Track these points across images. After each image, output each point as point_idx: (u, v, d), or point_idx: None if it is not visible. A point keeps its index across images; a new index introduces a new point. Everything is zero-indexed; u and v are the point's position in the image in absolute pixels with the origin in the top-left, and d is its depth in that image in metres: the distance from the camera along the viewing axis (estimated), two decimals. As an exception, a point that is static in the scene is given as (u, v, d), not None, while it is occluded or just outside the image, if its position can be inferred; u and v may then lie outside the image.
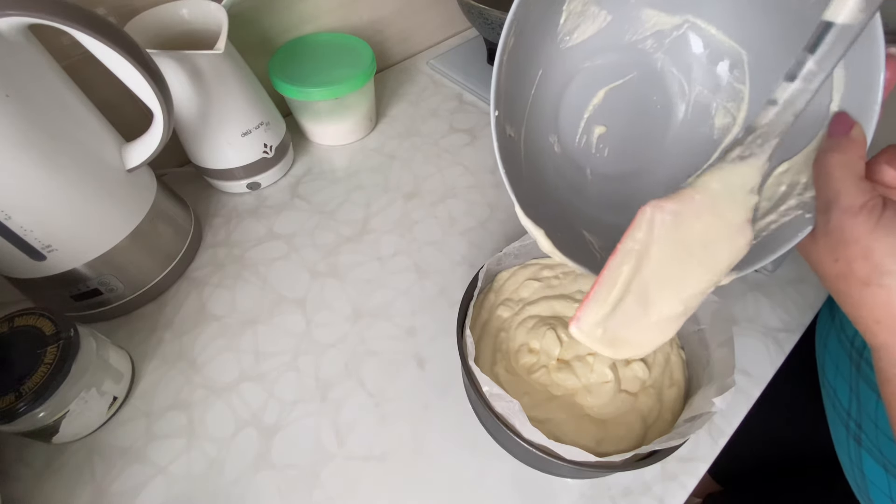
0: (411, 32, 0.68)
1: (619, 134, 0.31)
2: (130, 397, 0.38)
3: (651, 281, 0.23)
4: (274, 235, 0.48)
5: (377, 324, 0.42)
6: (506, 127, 0.26)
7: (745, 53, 0.28)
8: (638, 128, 0.31)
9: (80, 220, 0.36)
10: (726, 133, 0.29)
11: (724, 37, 0.28)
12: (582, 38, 0.29)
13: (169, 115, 0.35)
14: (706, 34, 0.28)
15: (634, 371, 0.33)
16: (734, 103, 0.28)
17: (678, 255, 0.22)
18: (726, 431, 0.37)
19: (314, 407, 0.38)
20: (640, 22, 0.29)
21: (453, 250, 0.47)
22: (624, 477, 0.35)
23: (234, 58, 0.44)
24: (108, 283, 0.39)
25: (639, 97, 0.30)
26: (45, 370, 0.31)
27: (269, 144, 0.49)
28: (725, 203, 0.22)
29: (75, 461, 0.35)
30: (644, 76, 0.30)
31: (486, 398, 0.30)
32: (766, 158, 0.21)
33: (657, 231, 0.22)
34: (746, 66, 0.28)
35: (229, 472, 0.35)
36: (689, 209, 0.22)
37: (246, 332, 0.42)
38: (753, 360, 0.40)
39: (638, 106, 0.31)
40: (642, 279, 0.23)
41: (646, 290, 0.23)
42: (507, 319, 0.36)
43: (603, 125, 0.31)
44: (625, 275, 0.23)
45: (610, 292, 0.24)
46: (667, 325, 0.23)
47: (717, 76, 0.29)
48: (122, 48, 0.30)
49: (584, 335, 0.24)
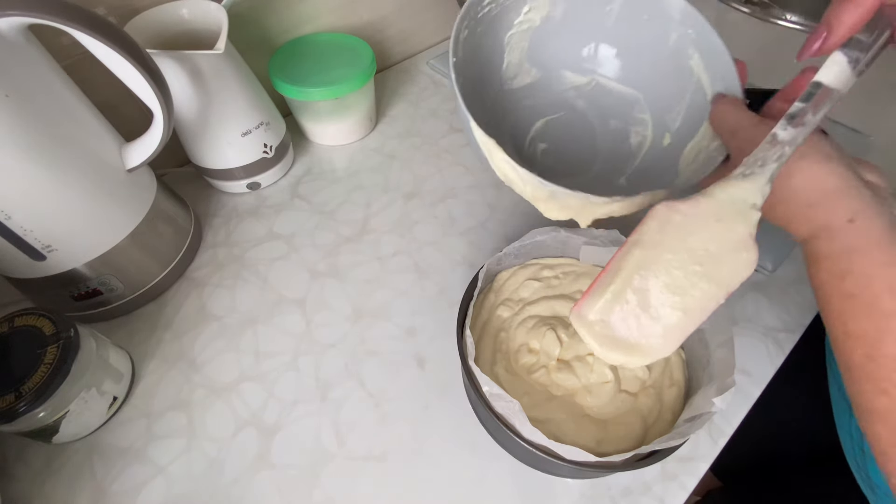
0: (411, 32, 0.68)
1: (558, 150, 0.39)
2: (130, 397, 0.38)
3: (656, 286, 0.24)
4: (274, 235, 0.48)
5: (377, 324, 0.42)
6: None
7: (640, 95, 0.39)
8: (572, 147, 0.39)
9: (80, 220, 0.36)
10: (641, 148, 0.38)
11: (623, 87, 0.39)
12: (521, 85, 0.40)
13: (169, 115, 0.35)
14: (610, 85, 0.40)
15: (634, 371, 0.33)
16: (642, 127, 0.39)
17: (684, 263, 0.23)
18: (726, 431, 0.37)
19: (314, 407, 0.38)
20: (562, 79, 0.40)
21: (453, 250, 0.47)
22: (624, 477, 0.35)
23: (234, 58, 0.44)
24: (108, 283, 0.39)
25: (570, 127, 0.40)
26: (45, 370, 0.31)
27: (269, 144, 0.49)
28: (730, 213, 0.23)
29: (75, 461, 0.35)
30: (571, 114, 0.40)
31: (486, 398, 0.30)
32: (767, 180, 0.23)
33: (667, 230, 0.23)
34: (644, 102, 0.39)
35: (229, 472, 0.35)
36: (698, 213, 0.23)
37: (246, 332, 0.42)
38: (753, 360, 0.40)
39: (570, 133, 0.40)
40: (647, 282, 0.24)
41: (649, 293, 0.24)
42: (507, 319, 0.36)
43: (545, 143, 0.40)
44: (630, 267, 0.24)
45: (614, 284, 0.24)
46: (669, 337, 0.24)
47: (626, 111, 0.39)
48: (122, 48, 0.30)
49: (583, 325, 0.25)
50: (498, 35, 0.38)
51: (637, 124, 0.39)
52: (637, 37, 0.38)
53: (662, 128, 0.38)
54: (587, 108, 0.40)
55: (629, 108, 0.40)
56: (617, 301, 0.24)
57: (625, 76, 0.39)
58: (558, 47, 0.39)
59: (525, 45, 0.39)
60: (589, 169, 0.32)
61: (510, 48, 0.39)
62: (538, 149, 0.39)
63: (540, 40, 0.39)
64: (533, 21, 0.38)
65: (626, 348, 0.24)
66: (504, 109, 0.39)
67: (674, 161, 0.35)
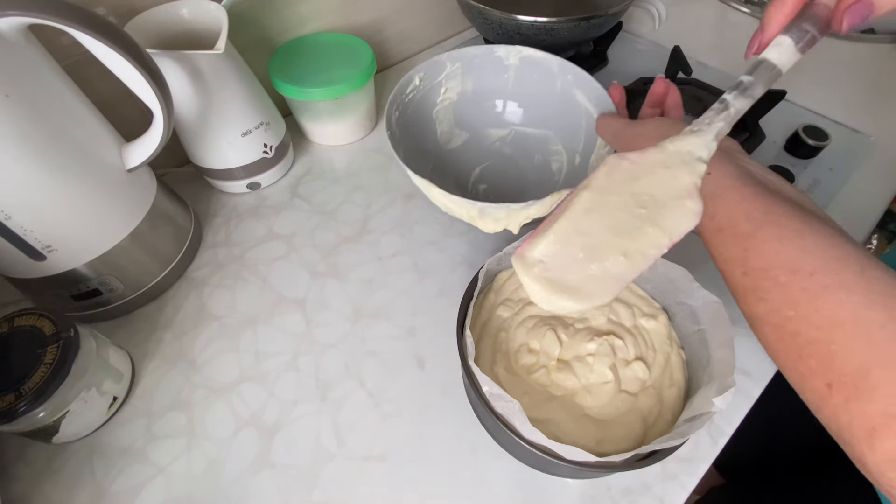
0: (411, 32, 0.68)
1: (497, 187, 0.49)
2: (130, 397, 0.38)
3: (601, 230, 0.24)
4: (274, 235, 0.48)
5: (377, 324, 0.42)
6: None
7: (550, 132, 0.51)
8: (507, 183, 0.50)
9: (81, 220, 0.36)
10: (561, 171, 0.49)
11: (535, 129, 0.51)
12: (455, 146, 0.51)
13: (169, 115, 0.35)
14: (526, 131, 0.52)
15: (634, 371, 0.33)
16: (558, 156, 0.50)
17: (630, 207, 0.25)
18: (726, 431, 0.37)
19: (314, 407, 0.38)
20: (487, 134, 0.52)
21: (453, 250, 0.47)
22: (624, 477, 0.35)
23: (234, 58, 0.44)
24: (108, 283, 0.39)
25: (502, 168, 0.51)
26: (45, 370, 0.31)
27: (269, 144, 0.49)
28: (676, 162, 0.25)
29: (75, 461, 0.35)
30: (501, 159, 0.52)
31: (486, 398, 0.30)
32: (713, 136, 0.26)
33: (615, 176, 0.26)
34: (555, 137, 0.50)
35: (229, 472, 0.35)
36: (646, 160, 0.26)
37: (246, 332, 0.42)
38: (753, 360, 0.40)
39: (503, 172, 0.51)
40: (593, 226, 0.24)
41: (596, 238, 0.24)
42: (506, 319, 0.36)
43: (485, 184, 0.50)
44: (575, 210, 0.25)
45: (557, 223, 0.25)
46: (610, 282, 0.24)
47: (544, 147, 0.51)
48: (122, 48, 0.30)
49: (523, 266, 0.25)
50: (426, 112, 0.48)
51: (554, 154, 0.50)
52: (533, 91, 0.49)
53: (572, 151, 0.48)
54: (513, 152, 0.51)
55: (545, 143, 0.51)
56: (559, 242, 0.25)
57: (534, 121, 0.51)
58: (477, 112, 0.51)
59: (451, 116, 0.51)
60: (523, 197, 0.37)
61: (439, 120, 0.50)
62: (480, 189, 0.49)
63: (462, 110, 0.50)
64: (452, 98, 0.50)
65: (567, 291, 0.24)
66: (446, 165, 0.50)
67: (585, 173, 0.44)
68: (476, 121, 0.51)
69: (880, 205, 0.51)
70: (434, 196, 0.38)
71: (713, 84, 0.60)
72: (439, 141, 0.50)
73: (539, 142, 0.51)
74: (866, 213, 0.50)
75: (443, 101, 0.49)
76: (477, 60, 0.48)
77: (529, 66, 0.48)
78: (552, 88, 0.48)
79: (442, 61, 0.47)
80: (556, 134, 0.50)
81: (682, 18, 0.75)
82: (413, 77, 0.45)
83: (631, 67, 0.65)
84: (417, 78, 0.45)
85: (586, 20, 0.54)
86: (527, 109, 0.51)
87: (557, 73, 0.47)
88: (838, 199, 0.50)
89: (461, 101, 0.50)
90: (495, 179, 0.49)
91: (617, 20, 0.60)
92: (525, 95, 0.50)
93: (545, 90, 0.48)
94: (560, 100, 0.48)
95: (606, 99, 0.43)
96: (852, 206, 0.50)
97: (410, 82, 0.45)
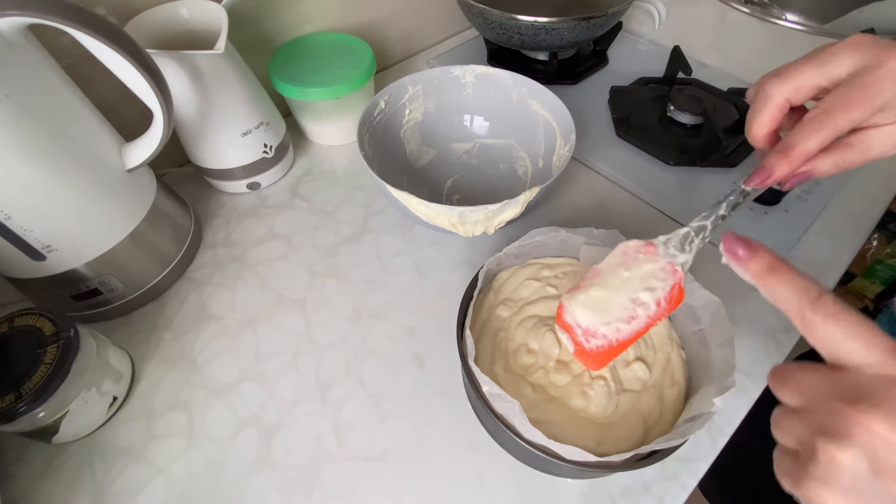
0: (411, 32, 0.68)
1: (470, 196, 0.52)
2: (130, 397, 0.38)
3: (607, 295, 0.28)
4: (274, 235, 0.48)
5: (377, 324, 0.42)
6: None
7: (512, 141, 0.54)
8: (479, 191, 0.52)
9: (80, 220, 0.36)
10: (527, 175, 0.52)
11: (498, 140, 0.55)
12: (425, 162, 0.54)
13: (169, 115, 0.35)
14: (489, 142, 0.55)
15: (635, 372, 0.33)
16: (523, 162, 0.53)
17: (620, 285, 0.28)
18: (726, 431, 0.37)
19: (314, 407, 0.38)
20: (454, 150, 0.55)
21: (453, 250, 0.47)
22: (624, 477, 0.35)
23: (234, 58, 0.44)
24: (108, 283, 0.39)
25: (472, 179, 0.54)
26: (45, 370, 0.31)
27: (269, 144, 0.49)
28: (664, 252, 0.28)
29: (75, 461, 0.35)
30: (470, 170, 0.54)
31: (486, 398, 0.30)
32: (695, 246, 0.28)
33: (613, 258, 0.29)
34: (517, 144, 0.53)
35: (229, 472, 0.35)
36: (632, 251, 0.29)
37: (246, 332, 0.42)
38: (753, 360, 0.40)
39: (473, 183, 0.53)
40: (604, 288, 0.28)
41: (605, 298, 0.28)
42: (506, 319, 0.36)
43: (458, 194, 0.52)
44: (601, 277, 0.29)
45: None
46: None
47: (508, 155, 0.54)
48: (122, 48, 0.30)
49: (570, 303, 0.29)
50: (394, 133, 0.51)
51: (519, 161, 0.53)
52: (491, 104, 0.53)
53: (535, 156, 0.52)
54: (479, 163, 0.55)
55: (509, 152, 0.54)
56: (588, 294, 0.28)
57: (496, 133, 0.55)
58: (442, 129, 0.54)
59: (418, 135, 0.54)
60: (496, 202, 0.39)
61: (407, 140, 0.53)
62: (454, 199, 0.52)
63: (427, 128, 0.54)
64: (416, 118, 0.53)
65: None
66: (420, 180, 0.53)
67: (549, 173, 0.48)
68: (442, 137, 0.54)
69: (880, 205, 0.51)
70: (414, 206, 0.40)
71: (713, 84, 0.60)
72: (409, 159, 0.53)
73: (503, 151, 0.54)
74: (866, 213, 0.50)
75: (408, 122, 0.52)
76: (436, 81, 0.51)
77: (485, 82, 0.52)
78: (509, 101, 0.52)
79: (404, 84, 0.50)
80: (518, 142, 0.53)
81: (682, 18, 0.75)
82: (378, 101, 0.48)
83: (631, 67, 0.65)
84: (383, 102, 0.48)
85: (586, 20, 0.54)
86: (488, 122, 0.55)
87: (511, 86, 0.51)
88: (839, 198, 0.50)
89: (426, 120, 0.53)
90: (467, 190, 0.52)
91: (617, 20, 0.60)
92: (485, 109, 0.54)
93: (502, 103, 0.52)
94: (518, 110, 0.51)
95: (558, 103, 0.46)
96: (852, 206, 0.50)
97: (376, 106, 0.48)
